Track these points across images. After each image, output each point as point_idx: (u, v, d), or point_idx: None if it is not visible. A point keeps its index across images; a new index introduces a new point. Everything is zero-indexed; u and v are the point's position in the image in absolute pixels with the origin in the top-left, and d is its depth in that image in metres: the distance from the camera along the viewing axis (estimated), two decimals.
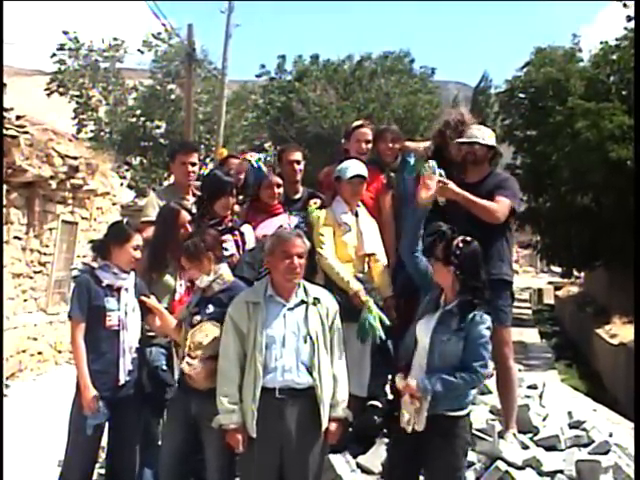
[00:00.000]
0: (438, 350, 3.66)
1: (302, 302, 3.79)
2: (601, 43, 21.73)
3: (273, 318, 3.72)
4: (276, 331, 3.70)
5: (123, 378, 4.16)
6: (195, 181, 5.33)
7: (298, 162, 5.35)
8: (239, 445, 3.64)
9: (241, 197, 5.26)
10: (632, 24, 19.60)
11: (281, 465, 3.68)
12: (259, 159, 5.50)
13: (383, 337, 4.38)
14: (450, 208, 4.45)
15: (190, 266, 4.06)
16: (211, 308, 3.97)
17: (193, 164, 5.27)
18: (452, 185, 4.31)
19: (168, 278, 4.57)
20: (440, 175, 4.22)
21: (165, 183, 22.06)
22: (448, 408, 3.64)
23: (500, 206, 4.50)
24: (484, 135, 4.74)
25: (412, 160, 4.87)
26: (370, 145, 5.19)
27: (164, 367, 4.44)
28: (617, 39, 21.17)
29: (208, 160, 21.39)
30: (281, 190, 5.03)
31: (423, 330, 3.76)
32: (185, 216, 4.63)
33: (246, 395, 3.66)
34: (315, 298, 3.81)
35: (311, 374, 3.69)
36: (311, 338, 3.72)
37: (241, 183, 5.25)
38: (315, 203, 4.92)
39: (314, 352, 3.71)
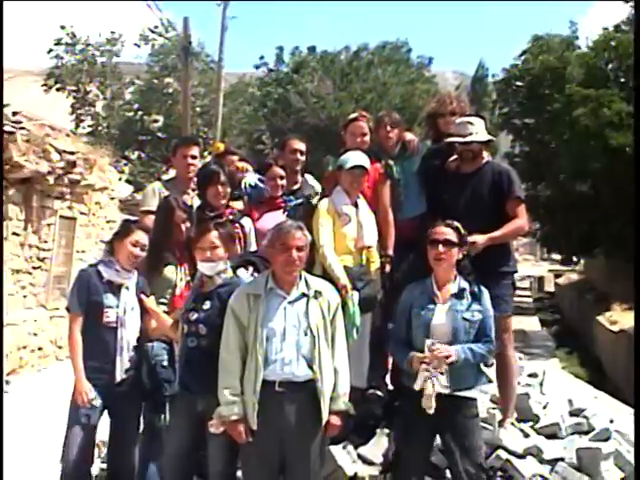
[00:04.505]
0: (464, 329, 3.89)
1: (303, 295, 3.79)
2: (603, 29, 21.62)
3: (274, 311, 3.72)
4: (276, 324, 3.70)
5: (120, 376, 4.15)
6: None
7: (301, 152, 5.34)
8: (241, 436, 3.66)
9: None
10: (629, 9, 19.58)
11: (282, 457, 3.70)
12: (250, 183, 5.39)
13: (355, 337, 4.36)
14: (450, 201, 4.49)
15: (219, 246, 4.01)
16: (208, 304, 3.94)
17: (194, 157, 5.28)
18: (477, 239, 4.29)
19: (169, 272, 4.55)
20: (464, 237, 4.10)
21: (164, 177, 22.00)
22: (468, 386, 3.89)
23: (522, 217, 4.63)
24: (479, 129, 4.71)
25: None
26: (367, 138, 5.13)
27: (164, 363, 4.40)
28: (615, 26, 21.07)
29: (206, 154, 21.32)
30: (284, 182, 5.01)
31: (437, 316, 3.90)
32: (180, 216, 4.58)
33: (247, 387, 3.67)
34: (317, 291, 3.80)
35: (311, 367, 3.69)
36: (311, 331, 3.71)
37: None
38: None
39: (314, 345, 3.71)
